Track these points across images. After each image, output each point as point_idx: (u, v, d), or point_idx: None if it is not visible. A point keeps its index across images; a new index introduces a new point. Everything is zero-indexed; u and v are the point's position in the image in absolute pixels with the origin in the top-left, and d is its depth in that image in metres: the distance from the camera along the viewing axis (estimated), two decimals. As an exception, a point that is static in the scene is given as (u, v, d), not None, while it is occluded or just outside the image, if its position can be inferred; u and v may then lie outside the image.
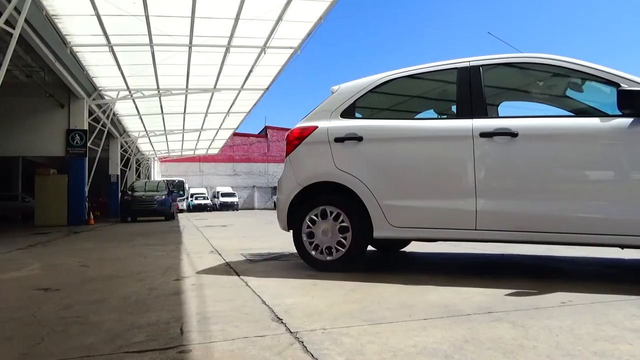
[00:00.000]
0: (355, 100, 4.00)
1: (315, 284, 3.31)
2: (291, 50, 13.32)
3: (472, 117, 3.49)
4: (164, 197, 17.60)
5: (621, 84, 3.12)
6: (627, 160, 3.09)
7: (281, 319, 2.35)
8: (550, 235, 3.22)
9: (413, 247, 5.35)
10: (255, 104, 19.69)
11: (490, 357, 1.76)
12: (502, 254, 4.82)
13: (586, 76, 3.40)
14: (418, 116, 4.42)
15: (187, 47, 12.67)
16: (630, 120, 3.07)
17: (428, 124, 3.80)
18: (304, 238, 3.88)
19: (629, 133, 3.06)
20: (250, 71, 14.86)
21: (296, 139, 4.08)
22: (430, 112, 4.45)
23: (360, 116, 4.09)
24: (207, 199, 39.91)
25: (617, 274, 3.64)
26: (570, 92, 3.80)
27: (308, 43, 12.76)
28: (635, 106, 3.02)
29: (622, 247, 3.22)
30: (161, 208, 17.17)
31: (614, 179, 3.14)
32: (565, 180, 3.25)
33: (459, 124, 3.52)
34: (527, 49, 3.65)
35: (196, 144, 31.74)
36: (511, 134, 3.31)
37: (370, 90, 3.99)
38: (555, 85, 3.95)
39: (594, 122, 3.20)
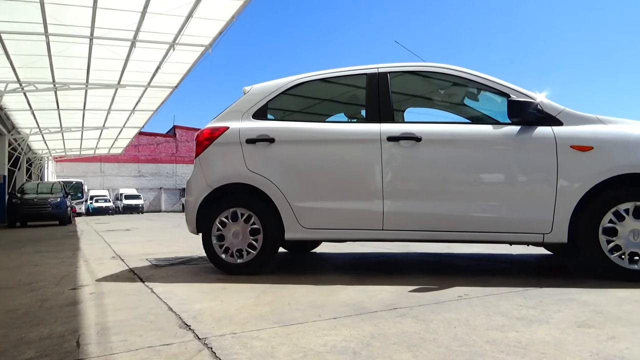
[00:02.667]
0: (268, 102, 3.98)
1: (225, 287, 3.24)
2: (202, 48, 12.96)
3: (380, 122, 3.64)
4: (59, 199, 16.25)
5: (511, 95, 3.43)
6: (515, 165, 3.39)
7: (189, 325, 2.27)
8: (450, 234, 3.45)
9: (323, 248, 5.44)
10: (163, 102, 18.87)
11: (395, 351, 1.83)
12: (407, 253, 5.07)
13: (481, 86, 3.69)
14: (329, 119, 4.50)
15: (88, 39, 11.83)
16: (518, 128, 3.38)
17: (338, 127, 3.89)
18: (214, 241, 3.79)
19: (517, 140, 3.37)
20: (158, 68, 14.22)
21: (206, 139, 3.97)
22: (341, 116, 4.56)
23: (273, 118, 4.08)
24: (109, 201, 37.52)
25: (506, 268, 3.98)
26: (467, 101, 4.10)
27: (220, 42, 12.51)
28: (523, 115, 3.33)
29: (511, 243, 3.54)
30: (56, 212, 15.84)
31: (504, 182, 3.44)
32: (462, 183, 3.50)
33: (368, 128, 3.65)
34: (431, 59, 3.89)
35: (97, 143, 29.70)
36: (415, 139, 3.50)
37: (283, 92, 4.00)
38: (454, 93, 4.24)
39: (487, 129, 3.48)
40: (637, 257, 3.08)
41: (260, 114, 3.96)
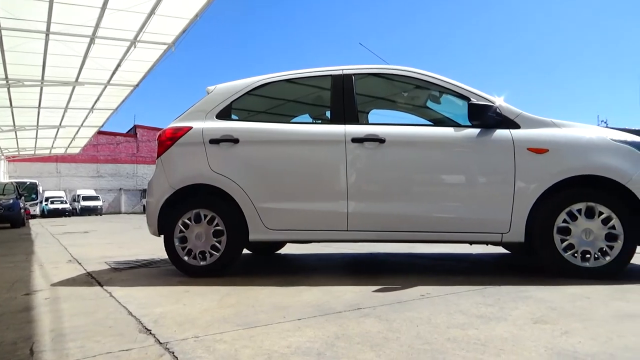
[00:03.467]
0: (232, 102, 3.94)
1: (187, 290, 3.18)
2: (164, 47, 12.71)
3: (344, 123, 3.66)
4: (11, 201, 15.55)
5: (471, 98, 3.52)
6: (475, 166, 3.48)
7: (150, 330, 2.22)
8: (413, 234, 3.51)
9: (288, 249, 5.43)
10: (123, 101, 18.39)
11: (359, 351, 1.85)
12: (370, 253, 5.12)
13: (443, 90, 3.77)
14: (294, 120, 4.50)
15: (44, 35, 11.39)
16: (478, 130, 3.48)
17: (303, 128, 3.89)
18: (176, 243, 3.72)
19: (476, 142, 3.46)
20: (119, 65, 13.85)
21: (169, 139, 3.90)
22: (306, 117, 4.57)
23: (237, 118, 4.05)
24: (66, 202, 36.23)
25: (466, 267, 4.08)
26: (430, 103, 4.18)
27: (183, 40, 12.31)
28: (482, 118, 3.43)
29: (471, 243, 3.63)
30: (8, 214, 15.14)
31: (465, 183, 3.53)
32: (424, 184, 3.57)
33: (333, 129, 3.66)
34: (395, 61, 3.94)
35: (53, 142, 28.64)
36: (379, 140, 3.54)
37: (247, 93, 3.97)
38: (417, 96, 4.32)
39: (449, 131, 3.56)
40: (588, 255, 3.23)
41: (224, 114, 3.92)
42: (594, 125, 3.81)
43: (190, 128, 3.86)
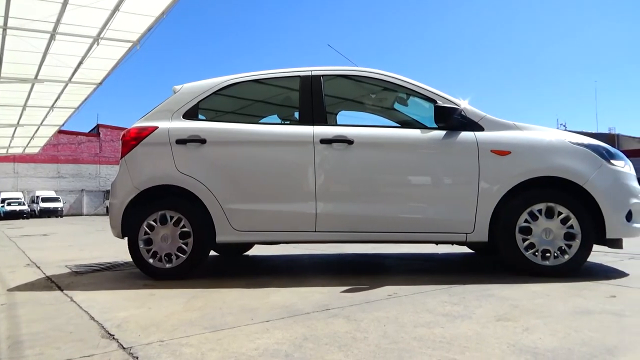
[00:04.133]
0: (199, 102, 3.89)
1: (152, 293, 3.12)
2: (129, 44, 12.40)
3: (313, 124, 3.66)
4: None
5: (437, 101, 3.58)
6: (440, 168, 3.55)
7: (112, 335, 2.16)
8: (380, 234, 3.55)
9: (256, 251, 5.39)
10: (85, 100, 17.83)
11: (327, 351, 1.85)
12: (339, 254, 5.14)
13: (410, 92, 3.83)
14: (262, 121, 4.47)
15: (1, 30, 10.94)
16: (443, 132, 3.54)
17: (271, 128, 3.87)
18: (141, 245, 3.64)
19: (442, 144, 3.53)
20: (81, 63, 13.43)
21: (133, 139, 3.81)
22: (274, 117, 4.55)
23: (204, 118, 3.99)
24: (24, 204, 34.96)
25: (433, 267, 4.15)
26: (397, 105, 4.24)
27: (148, 38, 12.05)
28: (448, 121, 3.50)
29: (437, 243, 3.70)
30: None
31: (431, 184, 3.59)
32: (391, 185, 3.61)
33: (301, 130, 3.66)
34: (363, 63, 3.98)
35: (10, 142, 27.50)
36: (348, 142, 3.56)
37: (215, 92, 3.93)
38: (385, 98, 4.37)
39: (415, 133, 3.62)
40: (548, 254, 3.34)
41: (191, 114, 3.86)
42: (554, 129, 3.95)
43: (156, 128, 3.78)
